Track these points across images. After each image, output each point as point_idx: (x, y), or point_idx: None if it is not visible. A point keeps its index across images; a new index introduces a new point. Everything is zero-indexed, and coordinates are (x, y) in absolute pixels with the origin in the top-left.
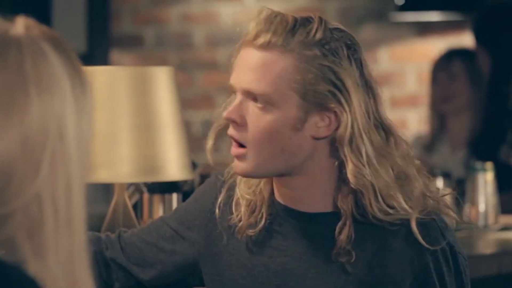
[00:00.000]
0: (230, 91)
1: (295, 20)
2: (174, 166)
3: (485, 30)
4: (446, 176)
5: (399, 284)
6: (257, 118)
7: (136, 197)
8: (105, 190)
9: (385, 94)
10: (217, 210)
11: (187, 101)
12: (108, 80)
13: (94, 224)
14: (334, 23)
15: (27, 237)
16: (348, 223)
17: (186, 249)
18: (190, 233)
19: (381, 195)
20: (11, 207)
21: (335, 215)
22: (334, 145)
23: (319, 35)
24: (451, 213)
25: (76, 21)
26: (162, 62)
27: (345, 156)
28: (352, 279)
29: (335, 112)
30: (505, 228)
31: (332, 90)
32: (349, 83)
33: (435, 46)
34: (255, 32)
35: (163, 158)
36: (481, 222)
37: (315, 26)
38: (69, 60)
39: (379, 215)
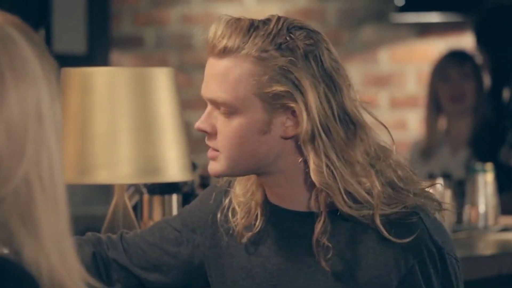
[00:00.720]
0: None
1: (251, 23)
2: (174, 167)
3: (486, 32)
4: (446, 177)
5: (386, 285)
6: (224, 125)
7: (136, 198)
8: (105, 191)
9: (385, 95)
10: (219, 214)
11: (187, 102)
12: (108, 81)
13: (94, 225)
14: (296, 20)
15: (20, 221)
16: (321, 220)
17: (191, 251)
18: (194, 235)
19: (345, 192)
20: (2, 192)
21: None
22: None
23: (274, 37)
24: (435, 205)
25: (76, 22)
26: (162, 63)
27: (307, 155)
28: (336, 279)
29: (294, 112)
30: (505, 229)
31: (288, 90)
32: (306, 82)
33: (435, 47)
34: (213, 40)
35: (163, 159)
36: (481, 223)
37: (270, 27)
38: (36, 44)
39: (348, 210)
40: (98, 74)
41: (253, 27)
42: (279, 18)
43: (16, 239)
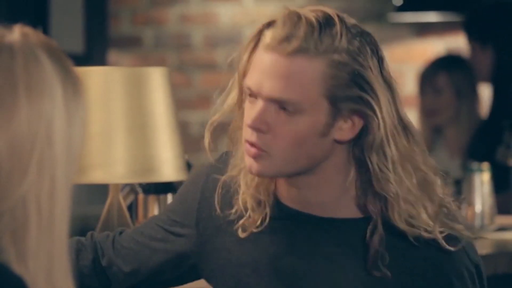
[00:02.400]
0: (246, 92)
1: (319, 22)
2: (169, 167)
3: (484, 28)
4: (443, 176)
5: None
6: (284, 125)
7: (131, 197)
8: (100, 190)
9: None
10: (217, 207)
11: (185, 101)
12: (103, 80)
13: (89, 224)
14: (349, 18)
15: (11, 241)
16: (378, 226)
17: (180, 247)
18: (182, 231)
19: (403, 202)
20: None
21: (357, 221)
22: (355, 148)
23: (344, 38)
24: (463, 231)
25: (74, 22)
26: (160, 63)
27: (370, 160)
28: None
29: (363, 117)
30: (501, 229)
31: (362, 95)
32: (377, 86)
33: (434, 47)
34: (281, 37)
35: (158, 158)
36: (477, 223)
37: (339, 27)
38: (63, 68)
39: (401, 224)
40: (93, 74)
41: (323, 26)
42: (338, 16)
43: (5, 254)
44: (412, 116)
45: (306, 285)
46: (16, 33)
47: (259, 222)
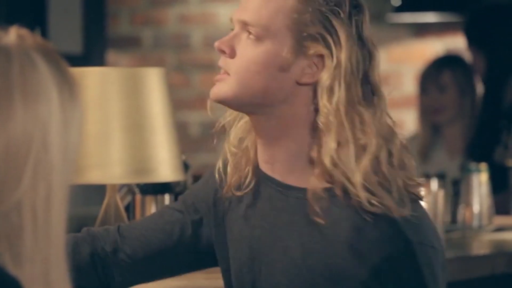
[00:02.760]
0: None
1: None
2: (166, 167)
3: (478, 31)
4: (441, 177)
5: (369, 268)
6: (247, 48)
7: (128, 198)
8: (97, 191)
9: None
10: (217, 181)
11: (184, 102)
12: (99, 81)
13: (87, 225)
14: None
15: (7, 245)
16: (315, 194)
17: (195, 231)
18: (197, 215)
19: (338, 150)
20: None
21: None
22: (314, 92)
23: None
24: (420, 190)
25: (72, 22)
26: (159, 63)
27: (320, 98)
28: (315, 253)
29: (322, 57)
30: (499, 229)
31: (324, 34)
32: (342, 35)
33: (432, 47)
34: None
35: (155, 159)
36: (475, 223)
37: None
38: (60, 71)
39: (326, 160)
40: (90, 74)
41: None
42: None
43: (1, 258)
44: (412, 114)
45: (267, 256)
46: (12, 35)
47: (242, 185)
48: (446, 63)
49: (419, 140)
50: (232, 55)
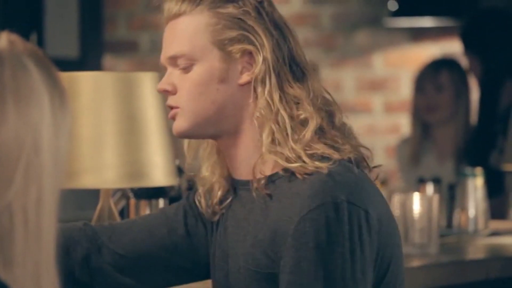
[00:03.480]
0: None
1: None
2: (159, 172)
3: (474, 36)
4: (436, 181)
5: (284, 235)
6: (183, 80)
7: (123, 202)
8: (91, 195)
9: (379, 99)
10: (197, 203)
11: None
12: (93, 85)
13: None
14: None
15: None
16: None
17: (196, 241)
18: (197, 224)
19: (274, 135)
20: None
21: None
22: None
23: None
24: (363, 164)
25: (69, 26)
26: (156, 68)
27: (256, 95)
28: (259, 234)
29: (250, 54)
30: (494, 234)
31: (244, 33)
32: (259, 29)
33: (429, 52)
34: (167, 8)
35: (148, 163)
36: (471, 227)
37: None
38: (51, 76)
39: (267, 150)
40: (84, 79)
41: None
42: None
43: None
44: (409, 118)
45: (232, 249)
46: (3, 40)
47: (222, 200)
48: (444, 63)
49: (410, 141)
50: (174, 91)
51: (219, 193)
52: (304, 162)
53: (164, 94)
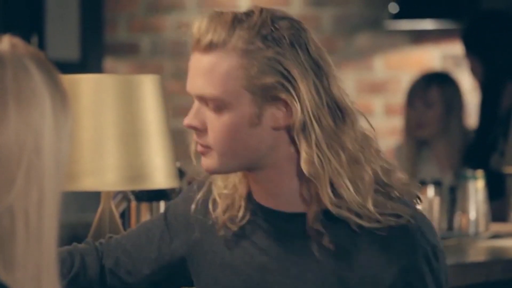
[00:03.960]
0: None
1: (235, 16)
2: (160, 174)
3: (475, 38)
4: (437, 184)
5: (378, 285)
6: (214, 121)
7: (124, 205)
8: (92, 198)
9: (379, 102)
10: (193, 206)
11: (182, 109)
12: (94, 88)
13: (81, 232)
14: (277, 10)
15: None
16: (313, 208)
17: (174, 251)
18: (176, 235)
19: (331, 185)
20: None
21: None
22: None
23: (259, 28)
24: (416, 199)
25: (70, 29)
26: (157, 70)
27: (299, 144)
28: (332, 276)
29: (286, 102)
30: (495, 236)
31: (279, 80)
32: (295, 71)
33: (430, 54)
34: (198, 35)
35: (149, 166)
36: (471, 230)
37: (254, 19)
38: (52, 79)
39: (330, 207)
40: (85, 81)
41: (237, 19)
42: (261, 9)
43: None
44: None
45: (275, 283)
46: (5, 43)
47: (235, 218)
48: (434, 79)
49: (406, 155)
50: (203, 129)
51: (239, 213)
52: (378, 218)
53: (192, 129)
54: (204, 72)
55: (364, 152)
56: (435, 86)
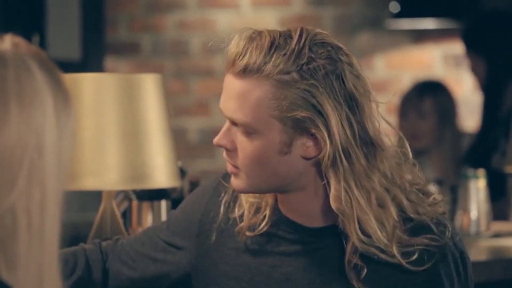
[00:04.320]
0: None
1: (272, 41)
2: (161, 174)
3: (476, 37)
4: (439, 183)
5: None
6: (243, 144)
7: (125, 204)
8: (93, 197)
9: (381, 101)
10: (221, 209)
11: (183, 108)
12: (95, 87)
13: (82, 232)
14: (318, 34)
15: (0, 249)
16: (351, 241)
17: (178, 260)
18: (182, 244)
19: (357, 221)
20: None
21: (337, 228)
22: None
23: (296, 57)
24: (444, 216)
25: (71, 28)
26: (158, 70)
27: (329, 178)
28: None
29: (316, 136)
30: (496, 235)
31: (310, 114)
32: (328, 107)
33: (431, 54)
34: (233, 57)
35: (150, 165)
36: (473, 229)
37: (292, 45)
38: (54, 78)
39: (358, 244)
40: (86, 80)
41: (274, 45)
42: (301, 34)
43: None
44: None
45: None
46: (7, 42)
47: (258, 226)
48: (427, 89)
49: None
50: (233, 149)
51: (263, 222)
52: (408, 252)
53: (220, 147)
54: (237, 96)
55: (393, 189)
56: (428, 96)
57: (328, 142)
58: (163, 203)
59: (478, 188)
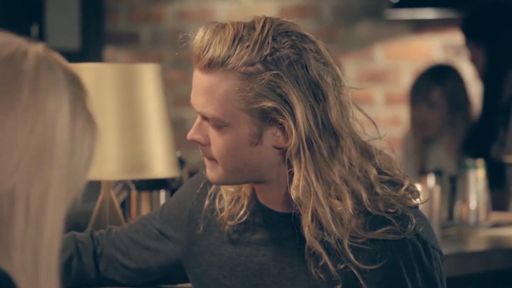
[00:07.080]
0: None
1: (236, 34)
2: (160, 164)
3: (476, 27)
4: (438, 173)
5: (369, 279)
6: (215, 138)
7: (124, 194)
8: (92, 187)
9: (380, 91)
10: (207, 201)
11: (182, 98)
12: (94, 77)
13: (82, 221)
14: (282, 24)
15: None
16: (304, 220)
17: (170, 249)
18: (174, 233)
19: (312, 214)
20: None
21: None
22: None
23: (259, 49)
24: (415, 195)
25: (70, 18)
26: (157, 60)
27: (293, 167)
28: (324, 279)
29: (283, 125)
30: (495, 225)
31: (276, 104)
32: (293, 96)
33: (430, 44)
34: (198, 52)
35: (149, 155)
36: (472, 219)
37: (255, 36)
38: (77, 86)
39: (307, 236)
40: (85, 70)
41: (237, 37)
42: (264, 24)
43: None
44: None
45: (274, 284)
46: (40, 46)
47: (236, 215)
48: (436, 78)
49: (414, 153)
50: (207, 143)
51: (241, 211)
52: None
53: (195, 143)
54: (204, 91)
55: (353, 181)
56: (437, 86)
57: (294, 131)
58: (162, 193)
59: (477, 178)
